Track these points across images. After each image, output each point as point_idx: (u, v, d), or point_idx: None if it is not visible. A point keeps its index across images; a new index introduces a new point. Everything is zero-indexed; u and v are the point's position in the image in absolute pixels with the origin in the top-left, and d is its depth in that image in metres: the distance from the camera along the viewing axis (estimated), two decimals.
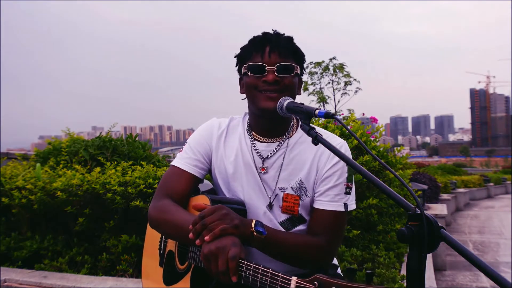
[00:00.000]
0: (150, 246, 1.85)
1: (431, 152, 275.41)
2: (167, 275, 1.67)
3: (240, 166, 1.59)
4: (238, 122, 1.68)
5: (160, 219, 1.53)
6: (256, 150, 1.59)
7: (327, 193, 1.53)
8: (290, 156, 1.56)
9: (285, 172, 1.55)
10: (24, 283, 3.27)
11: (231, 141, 1.64)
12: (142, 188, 3.53)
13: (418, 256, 0.97)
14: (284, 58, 1.52)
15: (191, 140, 1.68)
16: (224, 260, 1.21)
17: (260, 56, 1.51)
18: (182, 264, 1.59)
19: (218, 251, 1.22)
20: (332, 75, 16.06)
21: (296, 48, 1.57)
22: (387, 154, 4.44)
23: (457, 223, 13.14)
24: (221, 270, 1.21)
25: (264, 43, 1.53)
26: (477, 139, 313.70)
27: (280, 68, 1.50)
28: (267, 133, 1.60)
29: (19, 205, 3.83)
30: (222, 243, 1.24)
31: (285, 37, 1.56)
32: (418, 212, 1.00)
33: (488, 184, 27.51)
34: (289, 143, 1.58)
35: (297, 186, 1.55)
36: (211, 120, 1.71)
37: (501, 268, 6.92)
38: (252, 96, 1.54)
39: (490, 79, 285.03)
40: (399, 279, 3.43)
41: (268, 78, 1.48)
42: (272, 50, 1.51)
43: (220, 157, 1.63)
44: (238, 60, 1.61)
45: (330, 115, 1.26)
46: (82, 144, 4.54)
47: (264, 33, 1.57)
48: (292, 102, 1.42)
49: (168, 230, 1.52)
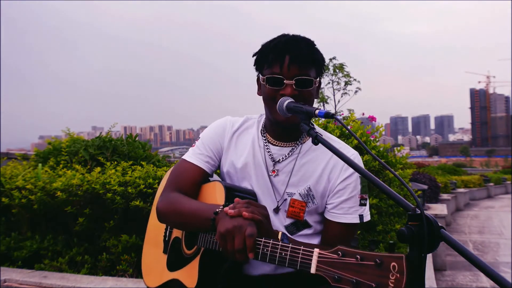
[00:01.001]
0: (152, 235, 1.85)
1: (431, 152, 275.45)
2: (172, 261, 1.67)
3: (250, 166, 1.60)
4: (253, 123, 1.68)
5: (170, 210, 1.55)
6: (269, 152, 1.60)
7: (341, 206, 1.53)
8: (301, 163, 1.57)
9: (295, 177, 1.56)
10: (24, 283, 3.27)
11: (243, 141, 1.65)
12: (142, 188, 3.53)
13: (418, 256, 0.97)
14: (304, 70, 1.48)
15: (203, 136, 1.69)
16: (241, 238, 1.23)
17: (279, 67, 1.47)
18: (190, 249, 1.60)
19: (235, 229, 1.25)
20: (332, 75, 16.04)
21: (316, 56, 1.52)
22: (387, 154, 4.44)
23: (457, 223, 13.14)
24: (237, 248, 1.23)
25: (284, 52, 1.47)
26: (477, 139, 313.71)
27: (299, 82, 1.47)
28: (281, 138, 1.61)
29: (19, 205, 3.82)
30: (239, 222, 1.26)
31: (306, 43, 1.51)
32: (418, 212, 1.00)
33: (488, 184, 27.52)
34: (302, 149, 1.58)
35: (305, 193, 1.55)
36: (225, 118, 1.72)
37: (501, 268, 6.92)
38: (269, 106, 1.54)
39: (490, 79, 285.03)
40: None
41: (286, 92, 1.46)
42: (292, 61, 1.46)
43: (231, 156, 1.64)
44: (256, 60, 1.58)
45: (330, 115, 1.26)
46: (82, 144, 4.53)
47: (285, 39, 1.51)
48: (292, 102, 1.42)
49: (179, 220, 1.53)
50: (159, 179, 3.62)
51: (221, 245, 1.28)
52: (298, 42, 1.50)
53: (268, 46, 1.53)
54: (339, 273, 1.03)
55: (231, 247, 1.25)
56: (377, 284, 0.95)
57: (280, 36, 1.54)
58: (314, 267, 1.09)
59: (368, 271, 0.98)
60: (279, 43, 1.50)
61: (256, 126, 1.67)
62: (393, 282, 0.94)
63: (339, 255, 1.05)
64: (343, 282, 1.01)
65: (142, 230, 3.59)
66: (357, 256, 1.02)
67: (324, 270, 1.06)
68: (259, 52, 1.56)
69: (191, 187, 1.60)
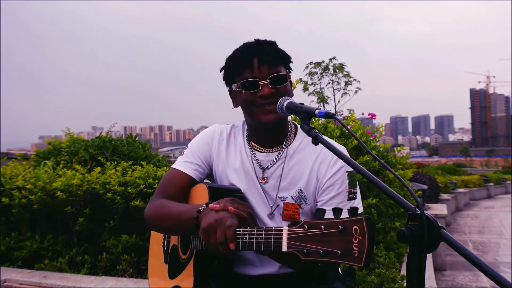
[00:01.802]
0: (155, 247, 1.86)
1: (431, 152, 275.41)
2: (172, 269, 1.68)
3: (241, 175, 1.61)
4: (239, 131, 1.69)
5: (156, 215, 1.56)
6: (256, 160, 1.61)
7: (330, 202, 1.54)
8: (289, 166, 1.57)
9: (285, 181, 1.57)
10: (24, 283, 3.26)
11: (232, 149, 1.66)
12: (142, 188, 3.53)
13: (418, 256, 0.97)
14: (275, 67, 1.50)
15: (192, 144, 1.70)
16: (222, 231, 1.26)
17: (250, 71, 1.49)
18: (185, 254, 1.61)
19: (216, 223, 1.28)
20: (332, 75, 16.04)
21: (282, 54, 1.54)
22: (387, 154, 4.44)
23: (457, 223, 13.14)
24: (219, 240, 1.26)
25: (251, 56, 1.50)
26: (477, 139, 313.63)
27: (273, 80, 1.49)
28: (266, 143, 1.61)
29: (19, 205, 3.82)
30: (220, 216, 1.29)
31: (269, 44, 1.53)
32: (418, 212, 1.00)
33: (488, 184, 27.52)
34: (288, 152, 1.59)
35: (296, 195, 1.56)
36: (214, 126, 1.72)
37: (501, 268, 6.92)
38: (250, 111, 1.54)
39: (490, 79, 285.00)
40: (399, 279, 3.43)
41: (264, 92, 1.48)
42: (261, 62, 1.48)
43: (222, 164, 1.65)
44: (225, 74, 1.59)
45: (330, 115, 1.26)
46: (82, 144, 4.53)
47: (247, 44, 1.54)
48: (292, 102, 1.42)
49: (165, 224, 1.54)
50: (159, 179, 3.62)
51: (205, 240, 1.30)
52: (262, 44, 1.52)
53: (234, 56, 1.55)
54: (307, 246, 1.04)
55: (214, 241, 1.27)
56: (342, 250, 0.97)
57: (243, 45, 1.56)
58: (285, 245, 1.11)
59: (332, 239, 1.00)
60: (244, 49, 1.53)
61: (241, 133, 1.68)
62: (356, 246, 0.95)
63: (305, 228, 1.06)
64: (311, 255, 1.03)
65: (142, 230, 3.61)
66: (321, 226, 1.03)
67: (294, 246, 1.08)
68: (226, 66, 1.58)
69: (178, 194, 1.60)
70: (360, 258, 0.94)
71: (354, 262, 0.95)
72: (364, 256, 0.94)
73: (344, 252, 0.97)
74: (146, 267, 2.11)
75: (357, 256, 0.95)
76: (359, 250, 0.95)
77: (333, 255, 0.98)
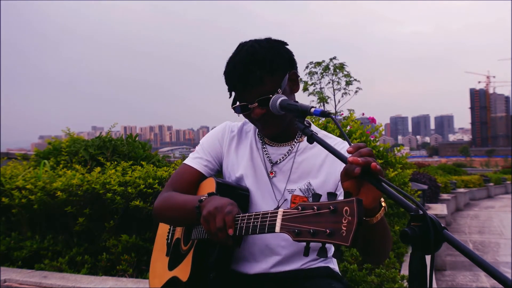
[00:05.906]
0: (159, 241, 1.88)
1: (431, 152, 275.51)
2: (172, 261, 1.70)
3: (250, 170, 1.62)
4: (250, 127, 1.71)
5: (163, 206, 1.60)
6: (267, 154, 1.62)
7: None
8: (299, 160, 1.58)
9: (294, 175, 1.58)
10: (24, 283, 3.26)
11: (243, 145, 1.68)
12: (142, 188, 3.53)
13: (421, 257, 0.96)
14: (260, 89, 1.46)
15: (203, 141, 1.74)
16: (221, 217, 1.28)
17: (237, 95, 1.52)
18: (186, 245, 1.63)
19: (216, 210, 1.30)
20: (333, 75, 16.02)
21: (265, 66, 1.46)
22: (387, 154, 4.44)
23: (457, 223, 13.15)
24: (218, 226, 1.28)
25: (234, 83, 1.49)
26: (477, 139, 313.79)
27: (261, 102, 1.47)
28: (277, 139, 1.64)
29: (19, 205, 3.82)
30: (219, 203, 1.32)
31: (250, 60, 1.46)
32: (421, 213, 0.99)
33: (488, 184, 27.52)
34: (299, 147, 1.60)
35: (305, 188, 1.56)
36: (225, 123, 1.75)
37: (501, 268, 6.92)
38: (253, 124, 1.61)
39: (490, 79, 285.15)
40: (399, 279, 3.43)
41: (255, 114, 1.49)
42: (244, 89, 1.48)
43: (232, 160, 1.67)
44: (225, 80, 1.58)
45: (326, 113, 1.25)
46: (82, 144, 4.53)
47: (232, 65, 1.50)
48: (286, 100, 1.39)
49: (170, 214, 1.58)
50: (159, 179, 3.62)
51: (205, 228, 1.32)
52: (244, 64, 1.47)
53: (225, 72, 1.54)
54: (299, 227, 1.06)
55: (214, 227, 1.29)
56: (331, 230, 0.99)
57: (229, 61, 1.53)
58: (278, 226, 1.13)
59: (323, 220, 1.02)
60: (229, 73, 1.51)
61: (253, 129, 1.70)
62: (345, 226, 0.97)
63: (299, 209, 1.09)
64: (302, 235, 1.05)
65: (142, 230, 3.61)
66: (314, 207, 1.05)
67: (287, 227, 1.10)
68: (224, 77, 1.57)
69: (187, 188, 1.63)
70: (347, 237, 0.96)
71: (341, 241, 0.97)
72: (352, 235, 0.96)
73: (332, 232, 0.99)
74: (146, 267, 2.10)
75: (345, 235, 0.97)
76: (347, 229, 0.97)
77: (322, 234, 1.00)
